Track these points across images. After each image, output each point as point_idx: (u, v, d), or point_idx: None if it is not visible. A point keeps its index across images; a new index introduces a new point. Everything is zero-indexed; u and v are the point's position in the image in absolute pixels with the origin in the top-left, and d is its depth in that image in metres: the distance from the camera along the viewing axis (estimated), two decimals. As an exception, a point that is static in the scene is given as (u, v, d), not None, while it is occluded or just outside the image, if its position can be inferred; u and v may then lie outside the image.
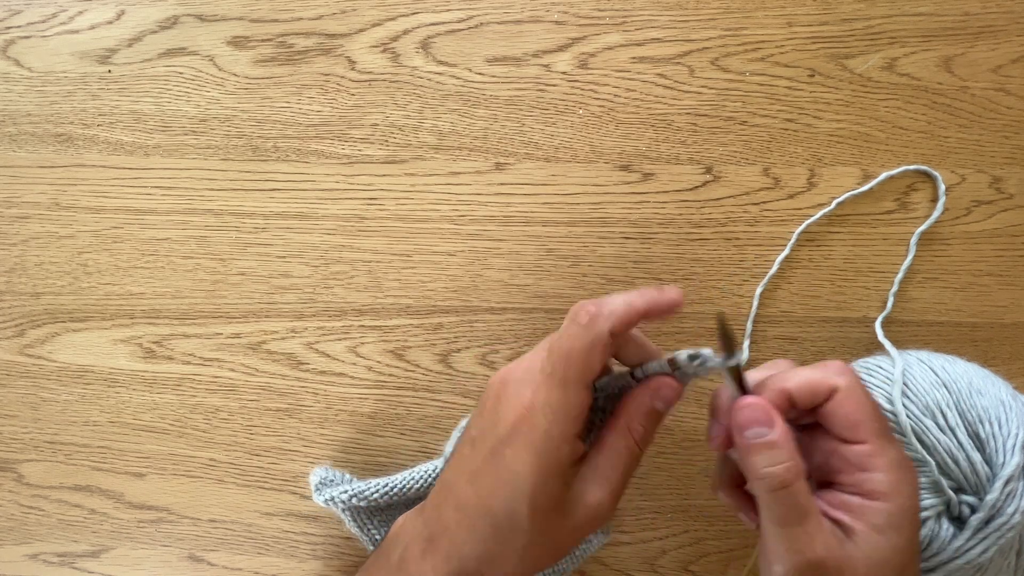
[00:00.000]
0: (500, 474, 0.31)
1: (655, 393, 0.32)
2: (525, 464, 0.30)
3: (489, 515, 0.31)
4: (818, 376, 0.30)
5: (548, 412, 0.30)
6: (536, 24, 0.44)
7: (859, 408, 0.29)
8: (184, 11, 0.46)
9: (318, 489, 0.43)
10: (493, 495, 0.31)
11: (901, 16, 0.42)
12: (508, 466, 0.31)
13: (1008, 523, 0.33)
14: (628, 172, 0.44)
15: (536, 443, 0.30)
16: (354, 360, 0.46)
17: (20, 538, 0.50)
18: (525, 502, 0.30)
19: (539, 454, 0.30)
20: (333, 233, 0.46)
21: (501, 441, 0.31)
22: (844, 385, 0.30)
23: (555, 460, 0.30)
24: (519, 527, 0.31)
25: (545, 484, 0.30)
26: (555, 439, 0.30)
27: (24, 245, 0.48)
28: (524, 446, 0.31)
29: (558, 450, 0.30)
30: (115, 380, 0.48)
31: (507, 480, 0.31)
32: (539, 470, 0.30)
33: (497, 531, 0.31)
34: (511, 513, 0.31)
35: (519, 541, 0.31)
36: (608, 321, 0.31)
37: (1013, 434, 0.34)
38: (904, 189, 0.43)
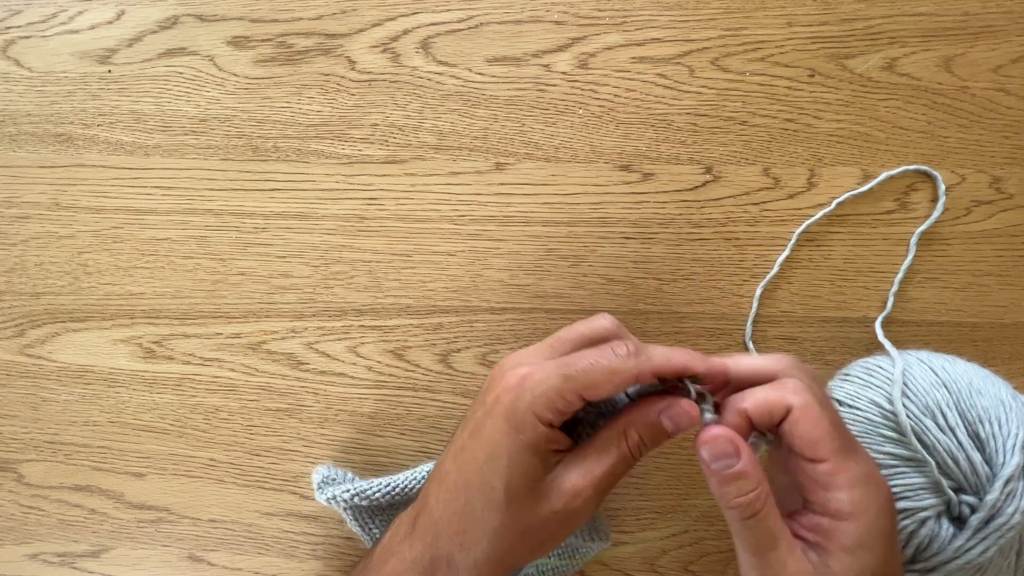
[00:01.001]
0: (479, 446, 0.31)
1: (667, 410, 0.31)
2: (502, 433, 0.30)
3: (465, 488, 0.31)
4: (773, 396, 0.29)
5: (535, 389, 0.30)
6: (536, 24, 0.44)
7: (815, 426, 0.28)
8: (184, 11, 0.46)
9: (320, 488, 0.43)
10: (471, 467, 0.31)
11: (901, 16, 0.42)
12: (486, 437, 0.30)
13: (1008, 523, 0.33)
14: (628, 172, 0.44)
15: (515, 414, 0.30)
16: (354, 360, 0.46)
17: (20, 538, 0.50)
18: (500, 475, 0.30)
19: (516, 425, 0.30)
20: (333, 233, 0.46)
21: (485, 414, 0.31)
22: (798, 404, 0.29)
23: (532, 434, 0.30)
24: (492, 502, 0.30)
25: (520, 456, 0.30)
26: (535, 414, 0.30)
27: (24, 245, 0.48)
28: (503, 416, 0.30)
29: (535, 426, 0.30)
30: (115, 380, 0.48)
31: (484, 452, 0.30)
32: (514, 441, 0.30)
33: (470, 505, 0.31)
34: (485, 486, 0.30)
35: (492, 519, 0.30)
36: (644, 366, 0.30)
37: (1013, 434, 0.34)
38: (904, 189, 0.43)
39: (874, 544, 0.28)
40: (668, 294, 0.44)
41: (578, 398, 0.30)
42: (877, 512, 0.28)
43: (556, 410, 0.30)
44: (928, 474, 0.35)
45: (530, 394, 0.30)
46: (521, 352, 0.33)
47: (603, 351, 0.30)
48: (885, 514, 0.29)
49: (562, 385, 0.30)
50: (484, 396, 0.32)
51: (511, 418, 0.30)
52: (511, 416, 0.30)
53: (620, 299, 0.45)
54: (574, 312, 0.45)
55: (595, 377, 0.30)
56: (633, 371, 0.30)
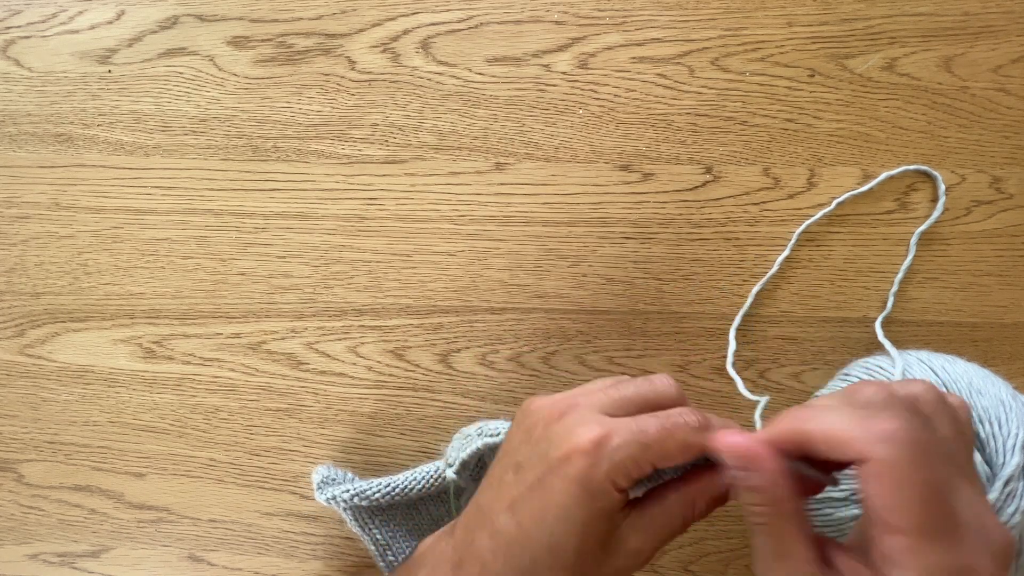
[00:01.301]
0: (545, 506, 0.29)
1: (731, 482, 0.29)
2: (574, 498, 0.29)
3: (529, 547, 0.30)
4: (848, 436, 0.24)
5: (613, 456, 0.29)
6: (536, 24, 0.44)
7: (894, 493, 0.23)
8: (184, 11, 0.46)
9: (320, 488, 0.43)
10: (536, 526, 0.29)
11: (901, 16, 0.42)
12: (555, 499, 0.29)
13: (1008, 523, 0.33)
14: (628, 172, 0.44)
15: (592, 482, 0.29)
16: (354, 360, 0.46)
17: (20, 538, 0.50)
18: (572, 538, 0.29)
19: (592, 493, 0.28)
20: (333, 233, 0.46)
21: (551, 471, 0.29)
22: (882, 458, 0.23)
23: (607, 502, 0.29)
24: (560, 563, 0.29)
25: (594, 522, 0.29)
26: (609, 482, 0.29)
27: (24, 245, 0.48)
28: (576, 480, 0.28)
29: (610, 493, 0.29)
30: (115, 380, 0.48)
31: (553, 513, 0.29)
32: (589, 508, 0.29)
33: (535, 565, 0.30)
34: (555, 547, 0.29)
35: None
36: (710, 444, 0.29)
37: (1013, 434, 0.34)
38: (904, 189, 0.43)
39: None
40: (668, 294, 0.44)
41: (651, 466, 0.29)
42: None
43: (631, 478, 0.29)
44: (928, 474, 0.35)
45: (608, 462, 0.28)
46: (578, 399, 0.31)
47: (674, 419, 0.29)
48: None
49: (639, 455, 0.29)
50: (544, 447, 0.30)
51: (587, 484, 0.29)
52: (587, 483, 0.29)
53: (620, 299, 0.45)
54: (574, 312, 0.45)
55: (670, 449, 0.29)
56: (706, 447, 0.29)
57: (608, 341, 0.45)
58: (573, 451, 0.29)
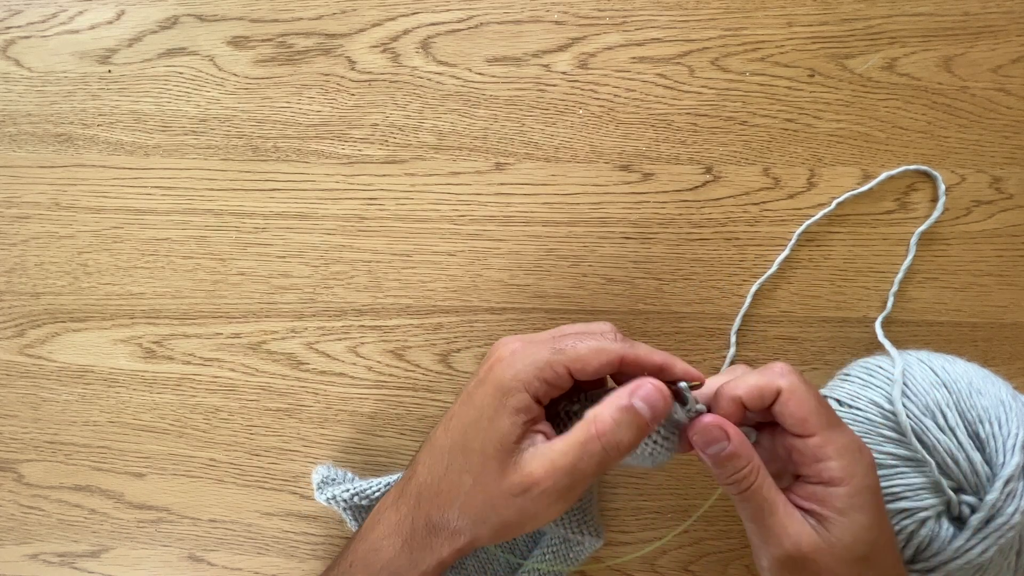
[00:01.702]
0: (468, 412, 0.32)
1: (635, 389, 0.31)
2: (489, 398, 0.32)
3: (449, 450, 0.33)
4: (763, 380, 0.32)
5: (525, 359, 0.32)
6: (536, 24, 0.44)
7: (802, 404, 0.31)
8: (184, 11, 0.46)
9: (320, 488, 0.43)
10: (458, 430, 0.33)
11: (901, 16, 0.42)
12: (476, 403, 0.32)
13: (1008, 523, 0.33)
14: (628, 172, 0.44)
15: (504, 382, 0.31)
16: (354, 360, 0.46)
17: (20, 538, 0.50)
18: (479, 436, 0.31)
19: (503, 390, 0.31)
20: (333, 233, 0.46)
21: (478, 384, 0.33)
22: (786, 386, 0.31)
23: (516, 400, 0.31)
24: (469, 464, 0.32)
25: (499, 418, 0.31)
26: (523, 382, 0.31)
27: (24, 245, 0.48)
28: (492, 383, 0.32)
29: (520, 391, 0.31)
30: (115, 380, 0.48)
31: (471, 415, 0.32)
32: (498, 404, 0.31)
33: (451, 466, 0.32)
34: (465, 447, 0.32)
35: (464, 481, 0.32)
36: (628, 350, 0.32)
37: (1013, 434, 0.34)
38: (904, 189, 0.43)
39: (865, 503, 0.30)
40: (668, 294, 0.44)
41: (566, 371, 0.32)
42: (864, 474, 0.31)
43: (544, 380, 0.31)
44: (928, 474, 0.35)
45: (520, 363, 0.32)
46: (519, 335, 0.35)
47: (592, 335, 0.33)
48: (871, 475, 0.31)
49: (551, 357, 0.32)
50: (478, 370, 0.34)
51: (499, 384, 0.32)
52: (500, 382, 0.32)
53: (620, 299, 0.45)
54: (574, 312, 0.45)
55: (581, 351, 0.32)
56: (618, 351, 0.32)
57: (608, 341, 0.45)
58: (495, 361, 0.33)
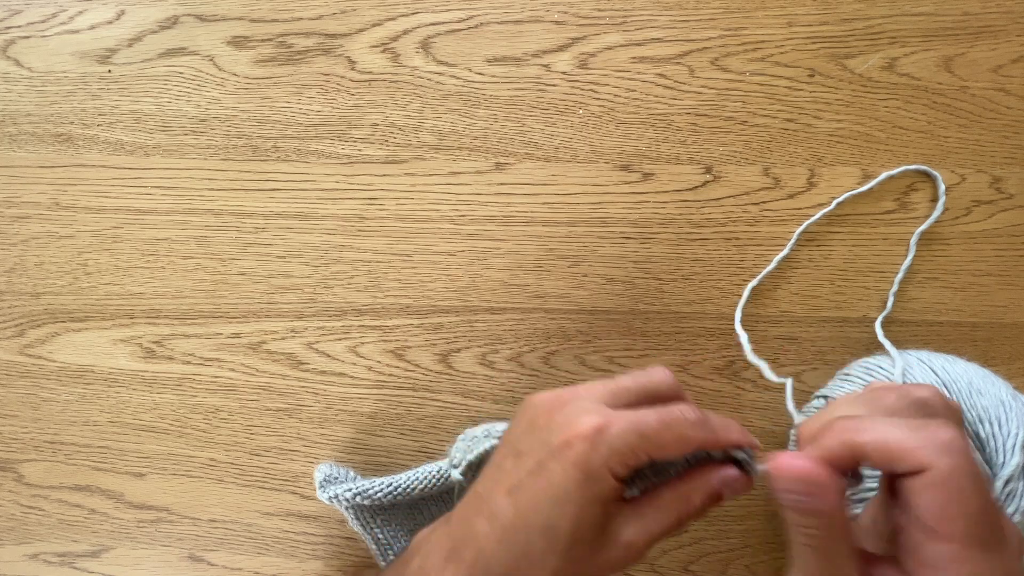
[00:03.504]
0: (543, 489, 0.30)
1: (725, 480, 0.31)
2: (573, 482, 0.29)
3: (525, 530, 0.30)
4: (907, 445, 0.24)
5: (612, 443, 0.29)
6: (536, 24, 0.44)
7: (953, 502, 0.23)
8: (184, 11, 0.46)
9: (322, 486, 0.42)
10: (533, 510, 0.30)
11: (901, 16, 0.42)
12: (554, 482, 0.30)
13: (1008, 523, 0.33)
14: (628, 172, 0.44)
15: (591, 466, 0.29)
16: (354, 360, 0.46)
17: (20, 538, 0.50)
18: (567, 521, 0.29)
19: (590, 477, 0.29)
20: (333, 233, 0.46)
21: (551, 456, 0.30)
22: (942, 469, 0.23)
23: (604, 487, 0.29)
24: (554, 547, 0.30)
25: (590, 507, 0.29)
26: (606, 468, 0.29)
27: (24, 245, 0.48)
28: (575, 464, 0.29)
29: (608, 480, 0.29)
30: (115, 380, 0.48)
31: (550, 496, 0.30)
32: (586, 492, 0.29)
33: (530, 548, 0.30)
34: (549, 529, 0.30)
35: (550, 563, 0.30)
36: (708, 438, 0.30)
37: (1013, 434, 0.34)
38: (904, 189, 0.43)
39: None
40: (668, 294, 0.44)
41: (648, 457, 0.30)
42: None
43: (629, 467, 0.30)
44: (928, 474, 0.35)
45: (607, 448, 0.29)
46: (579, 391, 0.32)
47: (672, 413, 0.30)
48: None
49: (637, 444, 0.29)
50: (545, 435, 0.31)
51: (586, 469, 0.29)
52: (586, 467, 0.29)
53: (620, 299, 0.45)
54: (574, 312, 0.45)
55: (667, 440, 0.30)
56: (702, 441, 0.30)
57: (608, 341, 0.45)
58: (574, 436, 0.30)
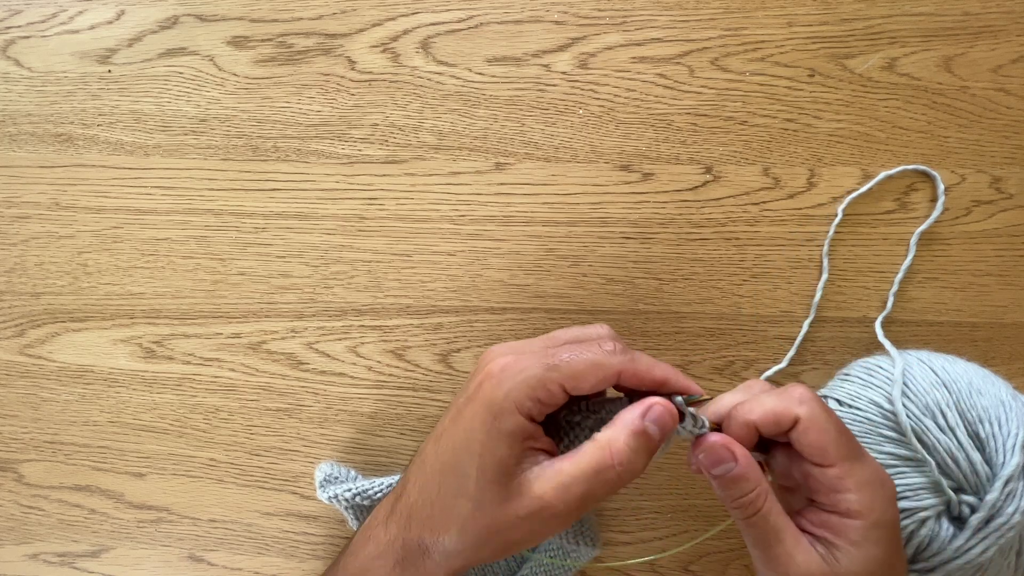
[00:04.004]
0: (457, 432, 0.31)
1: (647, 410, 0.30)
2: (480, 420, 0.30)
3: (441, 472, 0.31)
4: (780, 406, 0.30)
5: (516, 377, 0.30)
6: (536, 24, 0.44)
7: (822, 434, 0.30)
8: (184, 11, 0.46)
9: (322, 486, 0.43)
10: (448, 451, 0.31)
11: (901, 16, 0.42)
12: (465, 423, 0.30)
13: (1008, 523, 0.33)
14: (628, 172, 0.44)
15: (495, 402, 0.30)
16: (354, 360, 0.46)
17: (20, 538, 0.50)
18: (473, 461, 0.30)
19: (495, 413, 0.30)
20: (333, 233, 0.46)
21: (467, 400, 0.31)
22: (805, 414, 0.30)
23: (509, 422, 0.29)
24: (463, 489, 0.30)
25: (494, 443, 0.29)
26: (515, 402, 0.29)
27: (24, 245, 0.48)
28: (482, 403, 0.30)
29: (513, 414, 0.29)
30: (115, 380, 0.48)
31: (462, 437, 0.30)
32: (491, 427, 0.29)
33: (443, 489, 0.31)
34: (459, 471, 0.30)
35: (462, 507, 0.30)
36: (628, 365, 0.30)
37: (1013, 434, 0.34)
38: (904, 189, 0.43)
39: (881, 538, 0.29)
40: (668, 294, 0.44)
41: (560, 389, 0.30)
42: (883, 509, 0.30)
43: (537, 400, 0.30)
44: (928, 474, 0.35)
45: (511, 382, 0.30)
46: (510, 343, 0.33)
47: (589, 346, 0.31)
48: (891, 509, 0.30)
49: (544, 375, 0.30)
50: (468, 384, 0.32)
51: (491, 405, 0.30)
52: (491, 403, 0.30)
53: (620, 299, 0.45)
54: (574, 312, 0.45)
55: (578, 368, 0.30)
56: (616, 366, 0.30)
57: (608, 341, 0.45)
58: (484, 377, 0.31)
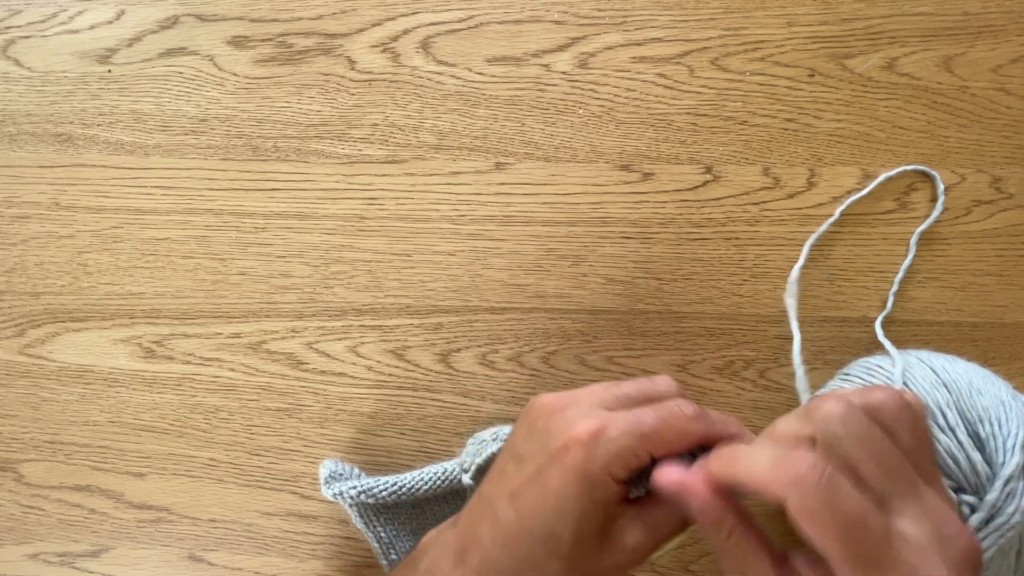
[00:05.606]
0: (544, 496, 0.30)
1: None
2: (572, 488, 0.29)
3: (528, 535, 0.30)
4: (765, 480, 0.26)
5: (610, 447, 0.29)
6: (536, 24, 0.44)
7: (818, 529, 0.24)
8: (184, 11, 0.46)
9: (327, 483, 0.42)
10: (534, 516, 0.30)
11: (901, 16, 0.42)
12: (554, 488, 0.30)
13: (1008, 523, 0.33)
14: (628, 172, 0.44)
15: (590, 472, 0.29)
16: (354, 360, 0.46)
17: (20, 538, 0.50)
18: (569, 526, 0.29)
19: (589, 483, 0.29)
20: (333, 233, 0.46)
21: (550, 462, 0.30)
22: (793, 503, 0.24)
23: (603, 491, 0.29)
24: (557, 552, 0.30)
25: (591, 512, 0.29)
26: (605, 472, 0.29)
27: (24, 245, 0.48)
28: (574, 471, 0.29)
29: (606, 484, 0.29)
30: (115, 380, 0.48)
31: (551, 503, 0.30)
32: (587, 498, 0.29)
33: (533, 553, 0.30)
34: (551, 536, 0.30)
35: (553, 568, 0.30)
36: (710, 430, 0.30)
37: (1013, 434, 0.34)
38: (904, 189, 0.43)
39: None
40: (668, 294, 0.44)
41: (648, 456, 0.30)
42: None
43: (629, 468, 0.30)
44: (928, 474, 0.35)
45: (605, 452, 0.29)
46: (580, 395, 0.32)
47: (670, 409, 0.30)
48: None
49: (636, 445, 0.29)
50: (544, 439, 0.31)
51: (585, 475, 0.29)
52: (585, 473, 0.29)
53: (620, 299, 0.45)
54: (574, 312, 0.45)
55: (666, 437, 0.30)
56: (701, 434, 0.30)
57: (608, 341, 0.45)
58: (572, 441, 0.30)
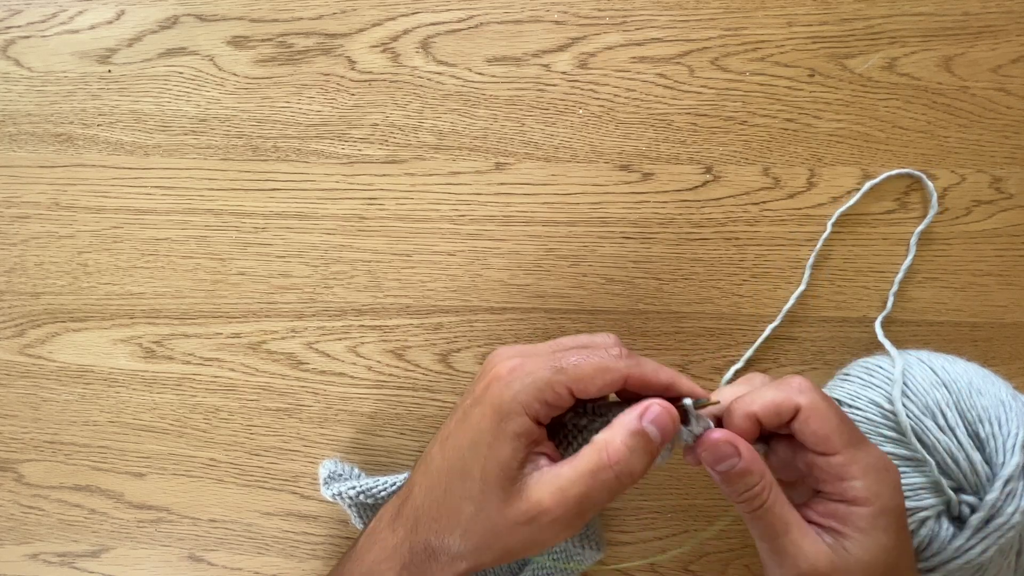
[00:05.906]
0: (464, 433, 0.31)
1: (645, 411, 0.30)
2: (487, 421, 0.30)
3: (447, 474, 0.31)
4: (781, 397, 0.31)
5: (524, 379, 0.30)
6: (536, 24, 0.44)
7: (824, 423, 0.30)
8: (184, 11, 0.46)
9: (326, 483, 0.42)
10: (454, 454, 0.31)
11: (901, 16, 0.42)
12: (472, 424, 0.31)
13: (1008, 523, 0.33)
14: (628, 172, 0.44)
15: (503, 403, 0.30)
16: (354, 360, 0.46)
17: (20, 538, 0.50)
18: (478, 462, 0.30)
19: (502, 414, 0.30)
20: (333, 233, 0.46)
21: (474, 402, 0.31)
22: (805, 404, 0.30)
23: (516, 424, 0.30)
24: (467, 491, 0.30)
25: (499, 444, 0.29)
26: (522, 404, 0.30)
27: (24, 245, 0.48)
28: (490, 404, 0.30)
29: (520, 415, 0.30)
30: (115, 380, 0.48)
31: (468, 438, 0.30)
32: (497, 429, 0.30)
33: (449, 491, 0.31)
34: (464, 472, 0.30)
35: (465, 508, 0.30)
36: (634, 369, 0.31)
37: (1013, 434, 0.34)
38: (904, 189, 0.43)
39: (889, 524, 0.30)
40: (668, 294, 0.44)
41: (567, 392, 0.30)
42: (890, 495, 0.30)
43: (544, 402, 0.30)
44: (928, 474, 0.35)
45: (519, 383, 0.30)
46: (516, 346, 0.33)
47: (595, 350, 0.31)
48: (897, 495, 0.30)
49: (551, 377, 0.30)
50: (475, 385, 0.32)
51: (498, 407, 0.30)
52: (499, 405, 0.30)
53: (620, 299, 0.45)
54: (574, 312, 0.45)
55: (585, 371, 0.30)
56: (623, 371, 0.30)
57: (608, 341, 0.45)
58: (492, 378, 0.31)
